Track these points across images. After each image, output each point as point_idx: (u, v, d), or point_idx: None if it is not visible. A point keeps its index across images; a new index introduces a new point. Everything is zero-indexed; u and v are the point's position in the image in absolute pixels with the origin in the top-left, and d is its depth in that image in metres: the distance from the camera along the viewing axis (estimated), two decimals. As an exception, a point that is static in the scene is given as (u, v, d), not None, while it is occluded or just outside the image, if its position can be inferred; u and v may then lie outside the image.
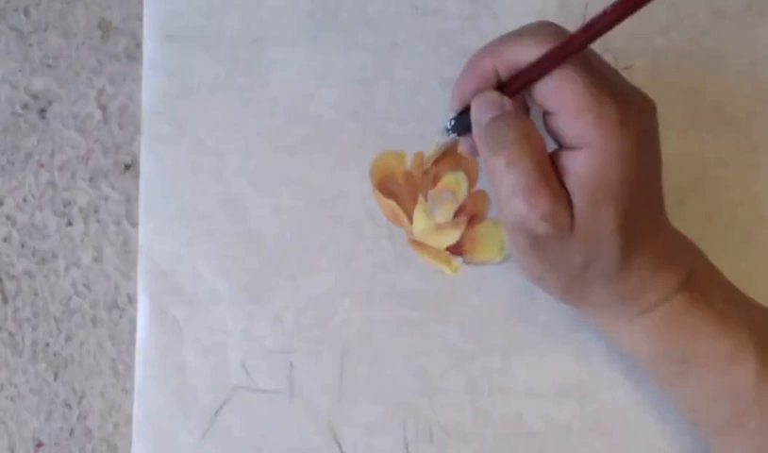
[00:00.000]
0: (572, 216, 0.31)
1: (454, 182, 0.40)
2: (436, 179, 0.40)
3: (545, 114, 0.32)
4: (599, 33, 0.29)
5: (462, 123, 0.35)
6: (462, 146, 0.36)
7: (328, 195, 0.39)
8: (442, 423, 0.38)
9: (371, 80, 0.40)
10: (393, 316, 0.38)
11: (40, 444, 0.38)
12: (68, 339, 0.39)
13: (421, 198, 0.39)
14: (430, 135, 0.38)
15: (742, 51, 0.41)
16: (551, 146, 0.32)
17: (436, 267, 0.39)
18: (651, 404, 0.38)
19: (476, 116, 0.33)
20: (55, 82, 0.41)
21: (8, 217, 0.40)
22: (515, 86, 0.32)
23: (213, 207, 0.39)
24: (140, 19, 0.40)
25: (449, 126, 0.36)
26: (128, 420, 0.38)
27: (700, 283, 0.34)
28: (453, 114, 0.35)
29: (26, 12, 0.41)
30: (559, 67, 0.31)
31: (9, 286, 0.39)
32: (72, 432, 0.39)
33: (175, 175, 0.39)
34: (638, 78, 0.33)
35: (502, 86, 0.33)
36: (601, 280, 0.33)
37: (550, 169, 0.31)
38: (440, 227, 0.39)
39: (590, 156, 0.31)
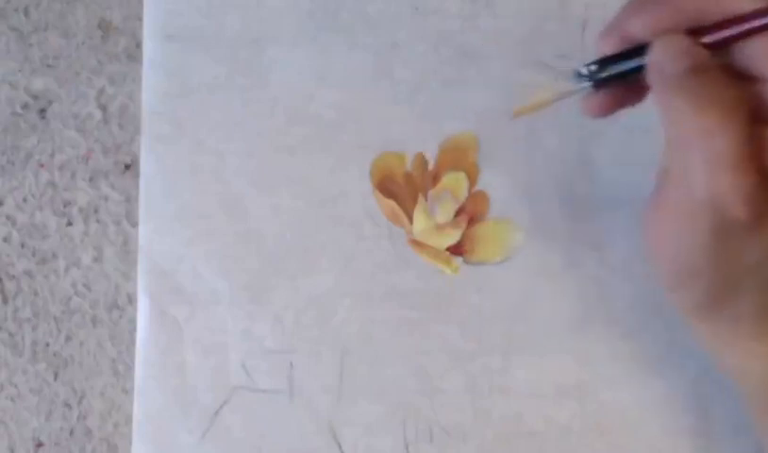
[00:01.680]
0: None
1: (454, 182, 0.40)
2: (436, 179, 0.40)
3: (747, 81, 0.27)
4: None
5: (615, 67, 0.28)
6: (591, 102, 0.29)
7: (328, 195, 0.39)
8: (442, 423, 0.38)
9: (371, 80, 0.40)
10: (393, 316, 0.38)
11: (40, 444, 0.38)
12: (68, 339, 0.39)
13: (421, 198, 0.39)
14: (430, 135, 0.38)
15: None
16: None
17: (436, 267, 0.39)
18: (651, 404, 0.38)
19: (665, 62, 0.27)
20: (55, 82, 0.41)
21: (8, 217, 0.40)
22: (717, 38, 0.27)
23: (213, 207, 0.39)
24: (140, 19, 0.40)
25: (586, 72, 0.28)
26: (128, 420, 0.38)
27: None
28: (595, 57, 0.28)
29: (26, 12, 0.41)
30: None
31: (9, 286, 0.39)
32: (72, 432, 0.39)
33: (175, 175, 0.39)
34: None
35: (692, 34, 0.27)
36: (766, 286, 0.28)
37: (759, 145, 0.26)
38: (440, 227, 0.39)
39: None
